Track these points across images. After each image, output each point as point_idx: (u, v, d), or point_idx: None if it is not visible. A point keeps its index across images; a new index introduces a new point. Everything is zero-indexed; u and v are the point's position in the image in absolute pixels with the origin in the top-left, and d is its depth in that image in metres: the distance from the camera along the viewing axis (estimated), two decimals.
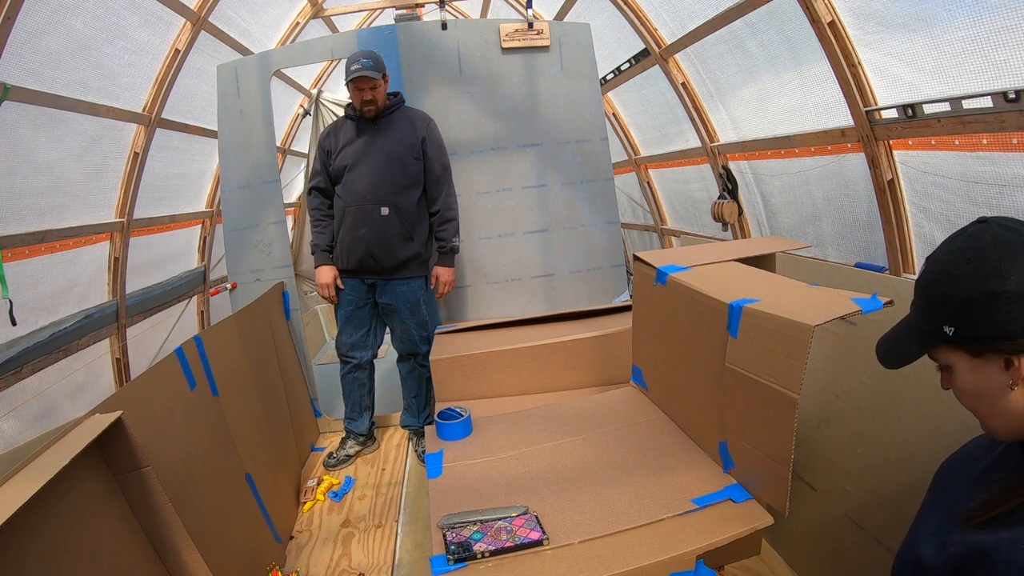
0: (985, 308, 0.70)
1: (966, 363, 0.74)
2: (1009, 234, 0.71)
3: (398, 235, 2.38)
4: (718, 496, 1.22)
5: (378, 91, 2.32)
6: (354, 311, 2.51)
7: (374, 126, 2.39)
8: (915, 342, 0.79)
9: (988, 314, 0.69)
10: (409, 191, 2.39)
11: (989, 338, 0.70)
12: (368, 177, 2.36)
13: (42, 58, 2.34)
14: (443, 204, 2.46)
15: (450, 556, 1.11)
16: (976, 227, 0.74)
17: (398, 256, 2.39)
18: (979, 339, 0.71)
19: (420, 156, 2.40)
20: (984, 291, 0.70)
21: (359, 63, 2.25)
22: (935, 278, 0.76)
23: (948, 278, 0.74)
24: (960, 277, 0.72)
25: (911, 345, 0.79)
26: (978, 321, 0.71)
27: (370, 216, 2.35)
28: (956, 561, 0.71)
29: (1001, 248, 0.70)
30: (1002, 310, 0.69)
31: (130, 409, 1.24)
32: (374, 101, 2.33)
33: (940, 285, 0.75)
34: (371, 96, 2.31)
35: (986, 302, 0.70)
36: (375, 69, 2.27)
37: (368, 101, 2.32)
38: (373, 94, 2.31)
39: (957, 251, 0.74)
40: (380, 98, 2.34)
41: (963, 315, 0.72)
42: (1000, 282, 0.69)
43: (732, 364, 1.22)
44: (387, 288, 2.47)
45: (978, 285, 0.70)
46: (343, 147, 2.42)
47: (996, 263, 0.69)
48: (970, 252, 0.72)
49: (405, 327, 2.51)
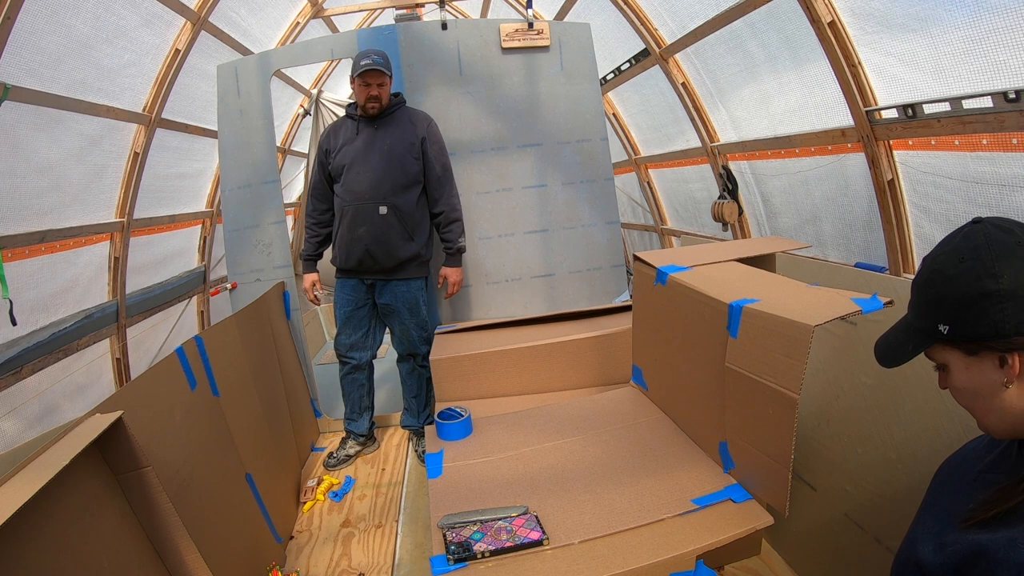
0: (979, 307, 0.71)
1: (961, 361, 0.75)
2: (1003, 234, 0.72)
3: (397, 235, 2.37)
4: (718, 496, 1.22)
5: (384, 89, 2.34)
6: (353, 311, 2.50)
7: (374, 125, 2.39)
8: (911, 341, 0.80)
9: (982, 312, 0.71)
10: (409, 191, 2.38)
11: (983, 336, 0.72)
12: (367, 176, 2.35)
13: (42, 58, 2.34)
14: (446, 205, 2.46)
15: (450, 556, 1.11)
16: (970, 227, 0.75)
17: (397, 256, 2.38)
18: (973, 337, 0.73)
19: (420, 156, 2.40)
20: (978, 290, 0.71)
21: (370, 58, 2.27)
22: (930, 278, 0.78)
23: (942, 277, 0.76)
24: (954, 276, 0.74)
25: (907, 344, 0.81)
26: (972, 319, 0.72)
27: (369, 215, 2.34)
28: (955, 560, 0.71)
29: (995, 248, 0.71)
30: (995, 308, 0.70)
31: (130, 409, 1.24)
32: (379, 98, 2.33)
33: (935, 285, 0.77)
34: (377, 92, 2.31)
35: (980, 301, 0.71)
36: (385, 66, 2.29)
37: (374, 97, 2.32)
38: (380, 91, 2.32)
39: (952, 251, 0.76)
40: (385, 96, 2.35)
41: (957, 314, 0.73)
42: (993, 281, 0.70)
43: (732, 364, 1.22)
44: (386, 289, 2.46)
45: (972, 284, 0.72)
46: (343, 146, 2.41)
47: (990, 263, 0.71)
48: (964, 252, 0.74)
49: (405, 328, 2.50)
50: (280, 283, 2.79)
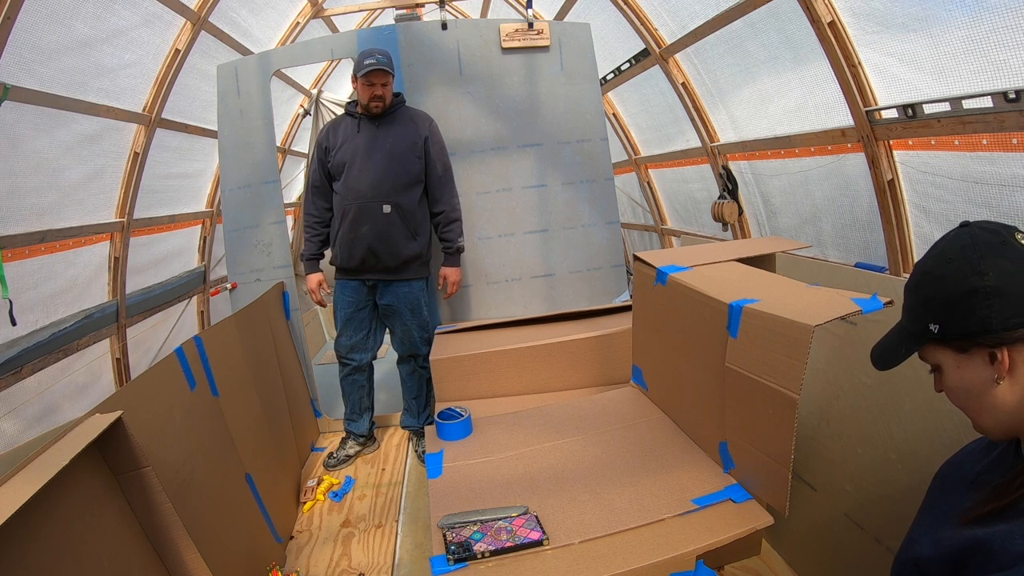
0: (966, 304, 0.74)
1: (953, 360, 0.78)
2: (988, 235, 0.75)
3: (400, 233, 2.36)
4: (718, 496, 1.22)
5: (388, 88, 2.33)
6: (354, 313, 2.49)
7: (376, 124, 2.38)
8: (903, 344, 0.83)
9: (969, 310, 0.73)
10: (411, 190, 2.38)
11: (972, 333, 0.74)
12: (370, 174, 2.33)
13: (42, 58, 2.34)
14: (447, 204, 2.46)
15: (450, 556, 1.11)
16: (957, 231, 0.78)
17: (401, 254, 2.38)
18: (963, 335, 0.75)
19: (422, 155, 2.40)
20: (964, 288, 0.74)
21: (374, 57, 2.25)
22: (920, 280, 0.81)
23: (931, 279, 0.79)
24: (942, 276, 0.77)
25: (899, 347, 0.84)
26: (960, 317, 0.74)
27: (372, 214, 2.33)
28: (952, 553, 0.72)
29: (980, 248, 0.74)
30: (982, 305, 0.72)
31: (130, 409, 1.24)
32: (383, 97, 2.32)
33: (924, 286, 0.80)
34: (381, 92, 2.31)
35: (967, 298, 0.73)
36: (389, 65, 2.28)
37: (378, 96, 2.31)
38: (384, 90, 2.32)
39: (939, 254, 0.79)
40: (388, 95, 2.35)
41: (946, 312, 0.76)
42: (979, 279, 0.73)
43: (732, 364, 1.22)
44: (388, 290, 2.45)
45: (959, 283, 0.74)
46: (342, 143, 2.39)
47: (975, 261, 0.73)
48: (951, 253, 0.77)
49: (407, 328, 2.50)
50: (280, 283, 2.80)
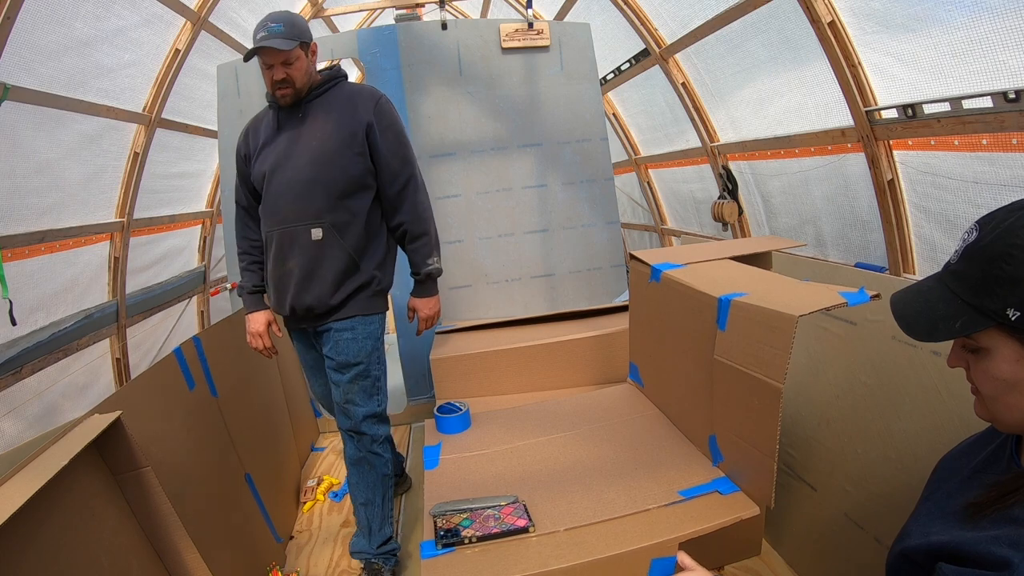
0: None
1: (1014, 353, 0.64)
2: None
3: (338, 265, 1.68)
4: (705, 488, 1.24)
5: (294, 68, 1.63)
6: (315, 362, 1.89)
7: (299, 116, 1.70)
8: (959, 318, 0.66)
9: None
10: (351, 200, 1.69)
11: None
12: (291, 189, 1.67)
13: (42, 58, 2.34)
14: (408, 214, 1.75)
15: (439, 541, 1.16)
16: None
17: (331, 299, 1.68)
18: None
19: (364, 150, 1.69)
20: None
21: (265, 29, 1.59)
22: (1007, 252, 0.62)
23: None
24: None
25: (953, 320, 0.67)
26: None
27: (298, 242, 1.67)
28: (939, 549, 0.70)
29: None
30: None
31: (129, 409, 1.24)
32: (289, 82, 1.64)
33: (1015, 262, 0.62)
34: (283, 75, 1.62)
35: None
36: (286, 36, 1.59)
37: (281, 82, 1.63)
38: (287, 71, 1.62)
39: None
40: (299, 77, 1.65)
41: None
42: None
43: (720, 356, 1.23)
44: (327, 337, 1.73)
45: None
46: (262, 147, 1.74)
47: None
48: None
49: (345, 392, 1.72)
50: None
